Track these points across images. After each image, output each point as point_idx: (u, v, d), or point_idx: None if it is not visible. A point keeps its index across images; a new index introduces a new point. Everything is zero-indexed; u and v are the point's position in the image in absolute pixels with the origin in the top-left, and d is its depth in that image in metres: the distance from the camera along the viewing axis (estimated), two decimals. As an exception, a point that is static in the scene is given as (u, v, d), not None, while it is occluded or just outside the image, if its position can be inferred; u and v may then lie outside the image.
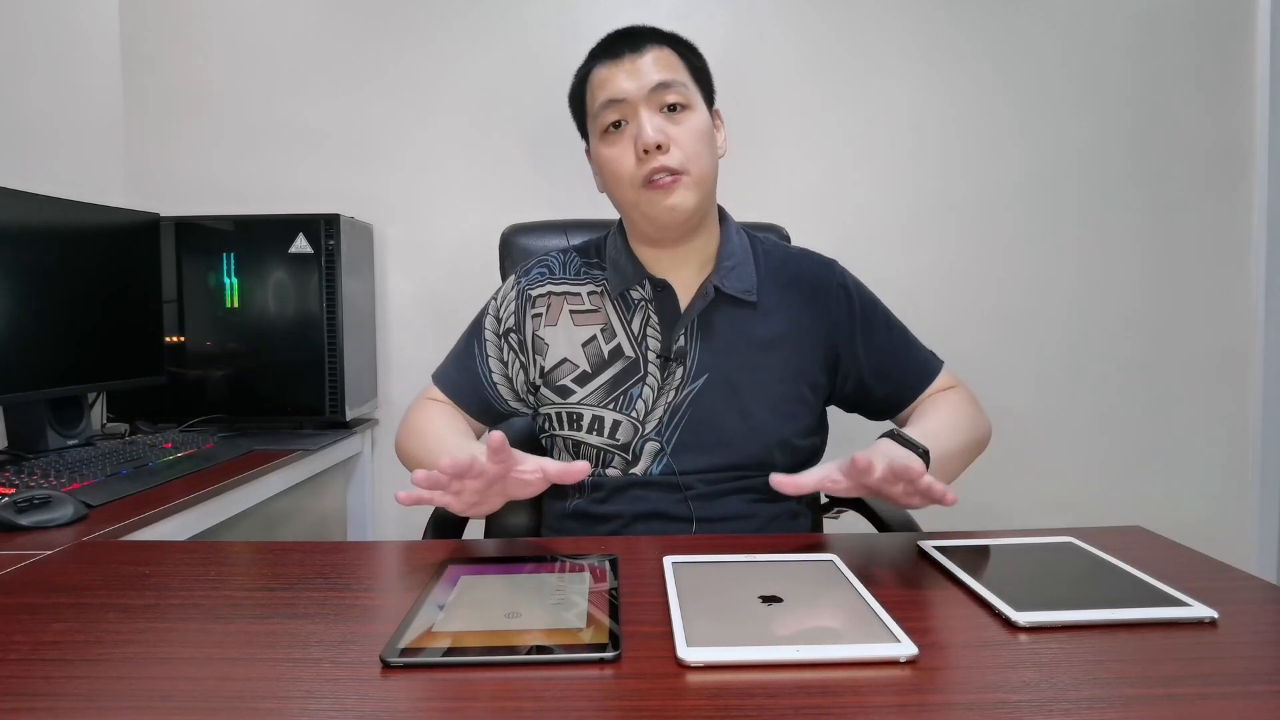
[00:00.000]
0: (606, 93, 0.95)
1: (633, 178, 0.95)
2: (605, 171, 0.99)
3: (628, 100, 0.94)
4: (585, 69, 1.01)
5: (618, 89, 0.94)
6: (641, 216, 0.98)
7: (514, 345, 1.05)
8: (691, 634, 0.56)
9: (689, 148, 0.94)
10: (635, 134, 0.94)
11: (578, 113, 1.04)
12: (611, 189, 1.00)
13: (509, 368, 1.05)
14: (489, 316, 1.08)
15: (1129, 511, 1.86)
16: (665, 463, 0.97)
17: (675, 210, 0.95)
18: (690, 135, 0.95)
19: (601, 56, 0.98)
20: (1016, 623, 0.58)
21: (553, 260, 1.08)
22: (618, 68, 0.95)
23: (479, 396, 1.06)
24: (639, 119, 0.94)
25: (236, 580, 0.70)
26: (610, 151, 0.97)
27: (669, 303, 1.00)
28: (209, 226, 1.67)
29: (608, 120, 0.96)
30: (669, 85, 0.94)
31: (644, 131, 0.93)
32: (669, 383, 0.98)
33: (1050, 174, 1.86)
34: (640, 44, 0.96)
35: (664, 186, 0.94)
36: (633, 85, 0.94)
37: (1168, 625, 0.59)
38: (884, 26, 1.83)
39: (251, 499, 1.32)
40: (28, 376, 1.28)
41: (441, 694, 0.50)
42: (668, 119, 0.95)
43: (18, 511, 0.92)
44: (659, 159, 0.93)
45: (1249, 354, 1.89)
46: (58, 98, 1.65)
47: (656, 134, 0.93)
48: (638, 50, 0.96)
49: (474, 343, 1.07)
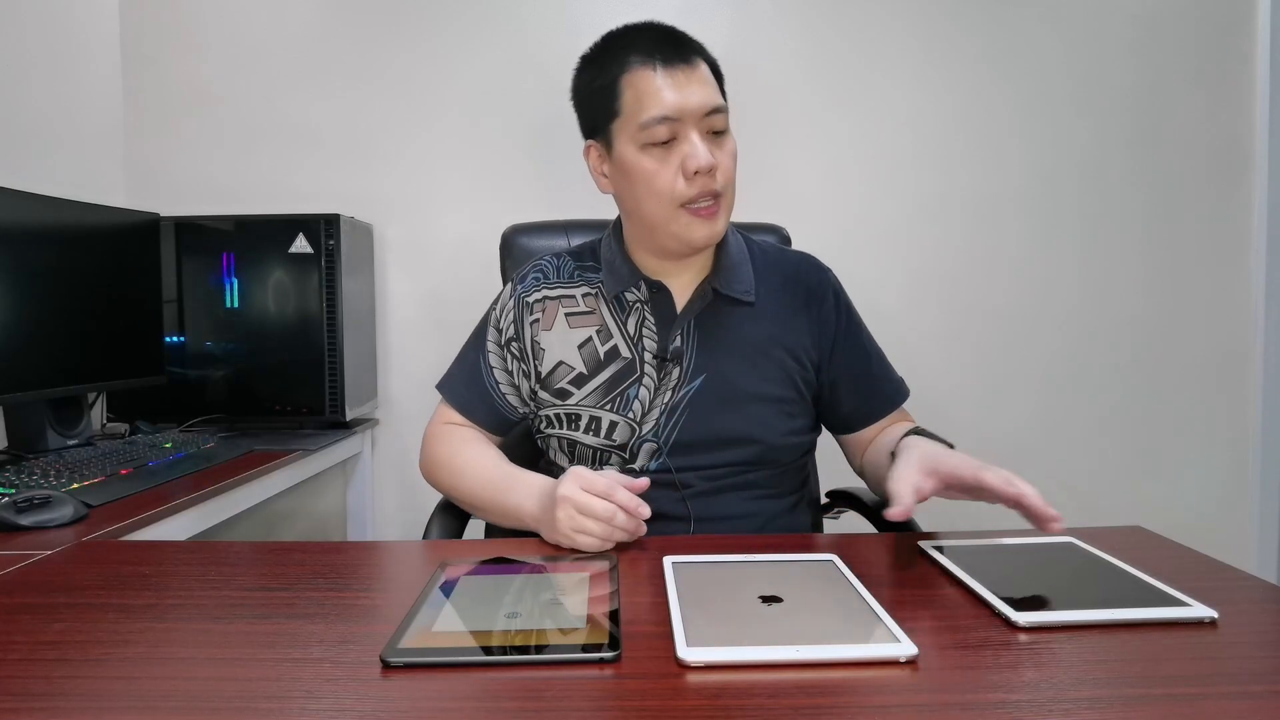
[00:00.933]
0: (661, 107, 0.90)
1: (675, 197, 0.92)
2: (639, 182, 0.93)
3: (683, 119, 0.90)
4: (620, 64, 0.93)
5: (674, 106, 0.90)
6: (671, 236, 0.95)
7: (515, 354, 1.05)
8: (691, 634, 0.56)
9: (728, 173, 0.94)
10: (685, 153, 0.90)
11: (600, 107, 0.95)
12: (642, 200, 0.94)
13: (514, 377, 1.05)
14: (490, 328, 1.08)
15: (1129, 511, 1.86)
16: (662, 461, 0.97)
17: (714, 235, 0.95)
18: (730, 160, 0.94)
19: (647, 55, 0.91)
20: (1017, 623, 0.58)
21: (547, 264, 1.08)
22: (670, 79, 0.90)
23: (492, 411, 1.06)
24: (691, 139, 0.90)
25: (236, 580, 0.70)
26: (653, 165, 0.92)
27: (665, 304, 1.00)
28: (209, 226, 1.67)
29: (658, 136, 0.91)
30: (720, 110, 0.92)
31: (699, 154, 0.89)
32: (665, 383, 0.98)
33: (1050, 174, 1.86)
34: (691, 54, 0.92)
35: (706, 215, 0.93)
36: (691, 104, 0.90)
37: (1168, 625, 0.59)
38: (884, 26, 1.83)
39: (251, 499, 1.32)
40: (28, 376, 1.28)
41: (441, 694, 0.50)
42: (713, 141, 0.93)
43: (18, 511, 0.92)
44: (707, 183, 0.91)
45: (1249, 355, 1.89)
46: (58, 98, 1.65)
47: (709, 157, 0.90)
48: (690, 62, 0.92)
49: (479, 357, 1.07)
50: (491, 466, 0.97)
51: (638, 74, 0.91)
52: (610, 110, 0.94)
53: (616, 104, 0.93)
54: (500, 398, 1.05)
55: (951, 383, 1.86)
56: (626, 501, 0.77)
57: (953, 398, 1.86)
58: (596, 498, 0.77)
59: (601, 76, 0.95)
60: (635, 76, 0.91)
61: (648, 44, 0.92)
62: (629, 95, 0.92)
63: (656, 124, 0.90)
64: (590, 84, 0.96)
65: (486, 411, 1.06)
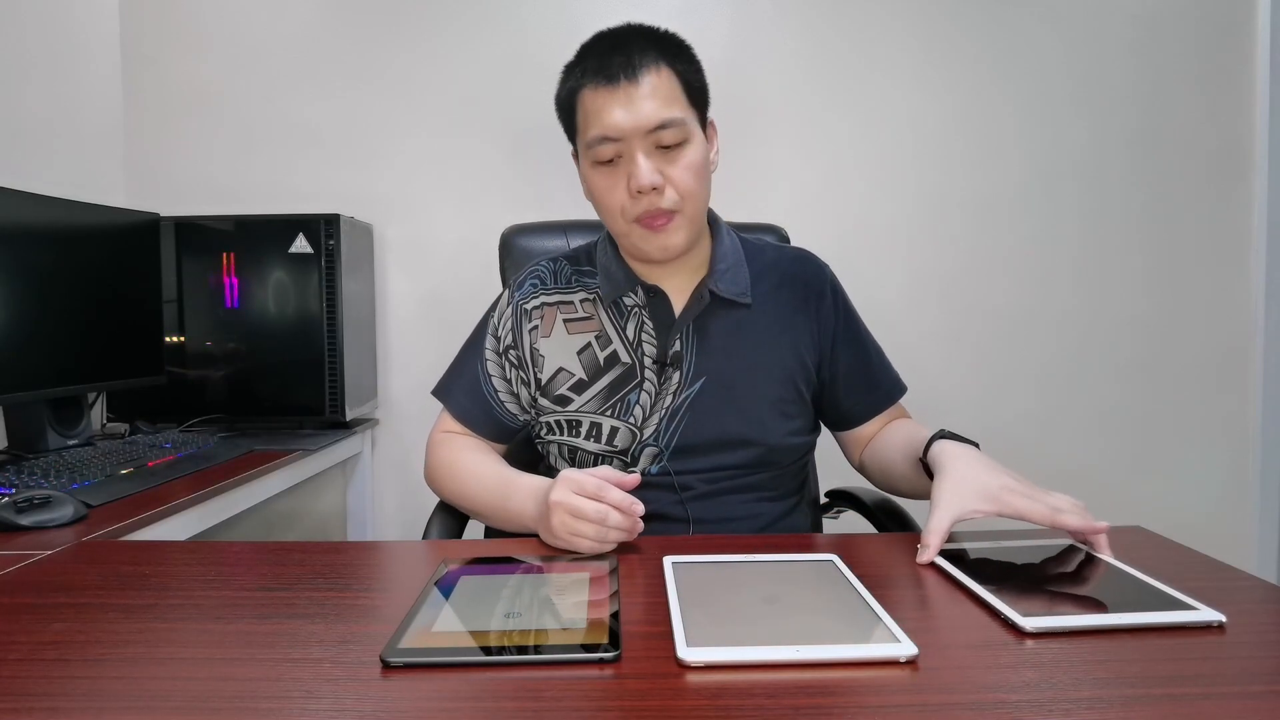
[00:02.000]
0: (600, 127, 0.90)
1: (625, 212, 0.93)
2: (595, 200, 0.96)
3: (624, 139, 0.90)
4: (575, 83, 0.94)
5: (613, 125, 0.89)
6: (633, 246, 0.96)
7: (514, 361, 1.04)
8: (691, 634, 0.56)
9: (683, 186, 0.91)
10: (629, 171, 0.90)
11: (566, 122, 0.99)
12: (601, 216, 0.97)
13: (513, 385, 1.05)
14: (489, 335, 1.07)
15: (1129, 511, 1.85)
16: (663, 465, 0.97)
17: (668, 250, 0.94)
18: (685, 173, 0.91)
19: (595, 74, 0.91)
20: (1023, 628, 0.58)
21: (543, 270, 1.07)
22: (612, 97, 0.89)
23: (492, 419, 1.05)
24: (634, 159, 0.90)
25: (236, 580, 0.70)
26: (603, 182, 0.93)
27: (662, 308, 1.00)
28: (209, 226, 1.67)
29: (602, 156, 0.92)
30: (666, 125, 0.89)
31: (639, 174, 0.89)
32: (666, 388, 0.98)
33: (1050, 174, 1.86)
34: (636, 67, 0.90)
35: (657, 228, 0.92)
36: (629, 123, 0.89)
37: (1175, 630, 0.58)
38: (884, 27, 1.83)
39: (251, 499, 1.32)
40: (28, 376, 1.27)
41: (441, 694, 0.50)
42: (663, 156, 0.91)
43: (18, 511, 0.92)
44: (653, 200, 0.90)
45: (1249, 355, 1.89)
46: (58, 98, 1.65)
47: (651, 176, 0.89)
48: (633, 76, 0.89)
49: (477, 365, 1.06)
50: (491, 473, 0.97)
51: (585, 93, 0.93)
52: (571, 125, 0.98)
53: (574, 120, 0.96)
54: (499, 405, 1.05)
55: (951, 382, 1.86)
56: (619, 500, 0.77)
57: (953, 397, 1.86)
58: (588, 500, 0.77)
59: (564, 91, 0.97)
60: (584, 95, 0.93)
61: (598, 60, 0.92)
62: (580, 113, 0.94)
63: (599, 144, 0.91)
64: (559, 98, 0.99)
65: (487, 421, 1.05)
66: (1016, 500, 0.75)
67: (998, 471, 0.79)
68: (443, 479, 1.03)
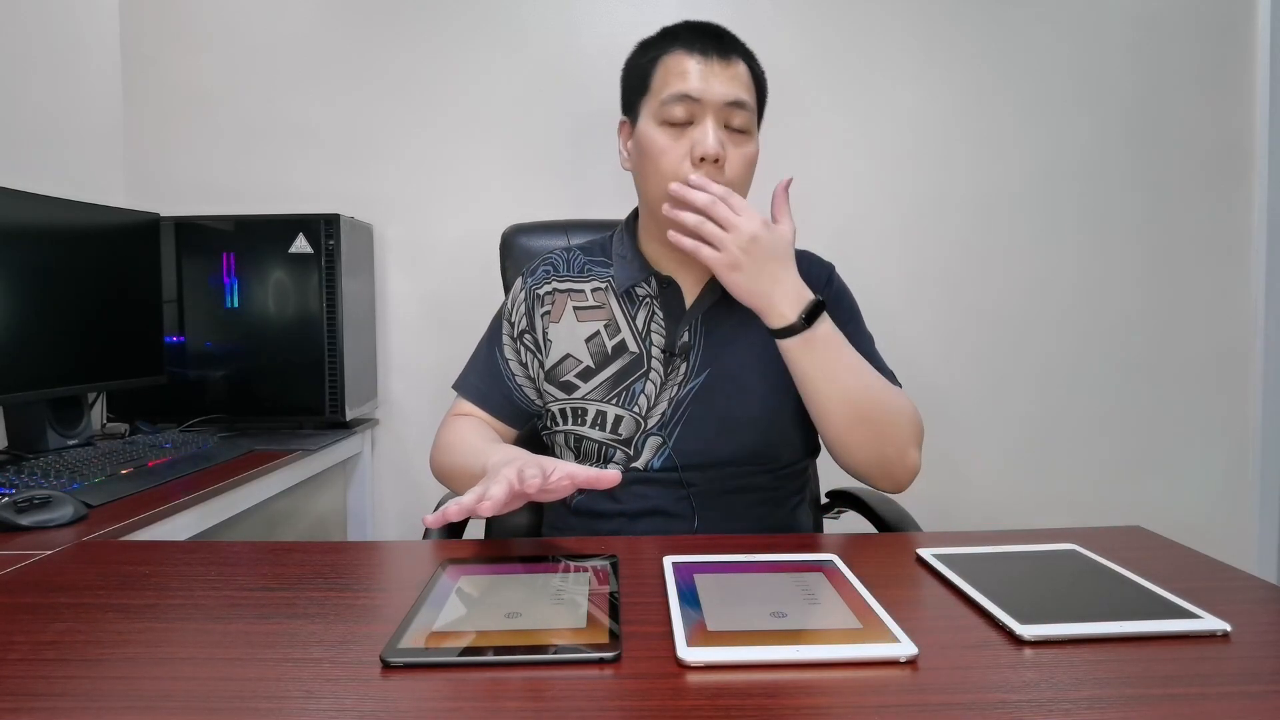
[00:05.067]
0: (684, 85, 0.92)
1: (677, 176, 0.92)
2: (648, 155, 0.95)
3: (702, 102, 0.92)
4: (662, 48, 0.96)
5: (697, 87, 0.92)
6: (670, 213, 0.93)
7: (529, 345, 1.05)
8: (691, 634, 0.56)
9: (737, 172, 0.94)
10: (696, 138, 0.92)
11: (636, 85, 0.99)
12: (649, 174, 0.96)
13: (529, 368, 1.06)
14: (504, 321, 1.08)
15: (1129, 512, 1.86)
16: (667, 456, 0.97)
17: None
18: (743, 161, 0.94)
19: (688, 44, 0.94)
20: (1022, 636, 0.57)
21: (557, 258, 1.09)
22: (702, 65, 0.92)
23: (507, 400, 1.06)
24: (705, 124, 0.92)
25: (236, 580, 0.70)
26: (664, 141, 0.94)
27: (674, 299, 1.01)
28: (209, 226, 1.67)
29: (675, 115, 0.93)
30: (743, 106, 0.93)
31: (708, 139, 0.91)
32: (672, 378, 0.98)
33: (1050, 174, 1.86)
34: (730, 53, 0.94)
35: None
36: (713, 90, 0.91)
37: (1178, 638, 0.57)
38: (884, 26, 1.83)
39: (251, 499, 1.32)
40: (28, 376, 1.27)
41: (441, 694, 0.50)
42: (729, 137, 0.93)
43: (18, 511, 0.92)
44: (711, 173, 0.91)
45: (1249, 354, 1.89)
46: (58, 98, 1.65)
47: (718, 147, 0.91)
48: (727, 58, 0.93)
49: (494, 349, 1.07)
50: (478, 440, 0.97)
51: (674, 56, 0.95)
52: (643, 86, 0.98)
53: (649, 80, 0.97)
54: (516, 388, 1.06)
55: (951, 382, 1.86)
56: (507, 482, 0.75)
57: (952, 397, 1.86)
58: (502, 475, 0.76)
59: (644, 56, 0.99)
60: (671, 58, 0.95)
61: (694, 35, 0.96)
62: (659, 73, 0.96)
63: (675, 101, 0.93)
64: (634, 62, 1.01)
65: (500, 400, 1.06)
66: None
67: None
68: (438, 454, 1.03)
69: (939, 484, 1.30)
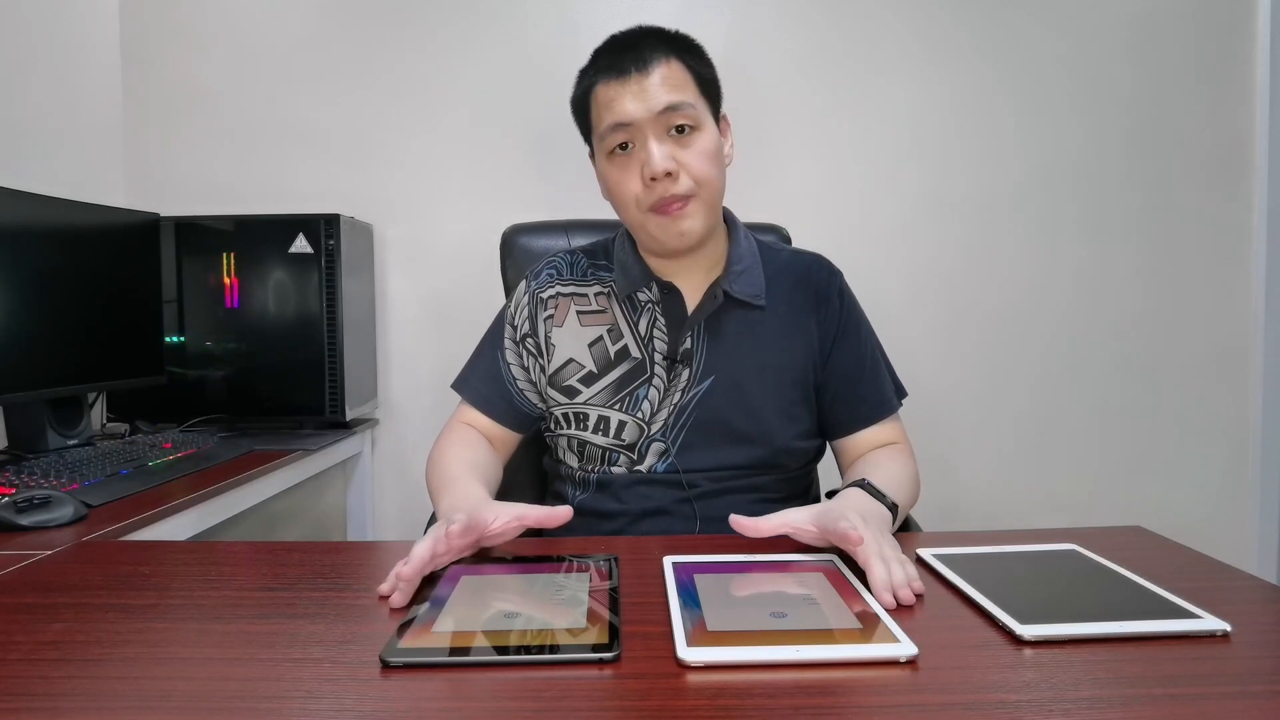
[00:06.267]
0: (613, 115, 0.92)
1: (639, 202, 0.94)
2: (611, 192, 0.98)
3: (634, 124, 0.91)
4: (589, 82, 0.97)
5: (624, 112, 0.91)
6: (649, 237, 0.97)
7: (531, 350, 1.05)
8: (691, 634, 0.56)
9: (698, 171, 0.93)
10: (643, 160, 0.92)
11: (582, 123, 1.01)
12: (618, 209, 0.98)
13: (530, 373, 1.05)
14: (506, 325, 1.08)
15: (1129, 511, 1.86)
16: (670, 462, 0.97)
17: (685, 236, 0.95)
18: (699, 158, 0.93)
19: (608, 69, 0.94)
20: (1021, 636, 0.57)
21: (560, 261, 1.09)
22: (624, 88, 0.92)
23: (510, 406, 1.05)
24: (646, 145, 0.91)
25: (236, 580, 0.70)
26: (617, 174, 0.95)
27: (676, 305, 1.01)
28: (209, 226, 1.67)
29: (614, 143, 0.94)
30: (677, 108, 0.91)
31: (651, 160, 0.90)
32: (675, 384, 0.98)
33: (1050, 174, 1.86)
34: (646, 60, 0.92)
35: (673, 213, 0.93)
36: (640, 109, 0.91)
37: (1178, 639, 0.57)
38: (884, 26, 1.83)
39: (251, 499, 1.32)
40: (28, 376, 1.27)
41: (441, 694, 0.50)
42: (676, 142, 0.92)
43: (18, 511, 0.92)
44: (667, 187, 0.91)
45: (1249, 354, 1.89)
46: (58, 98, 1.65)
47: (664, 162, 0.90)
48: (644, 68, 0.92)
49: (496, 353, 1.07)
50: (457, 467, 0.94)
51: (600, 86, 0.95)
52: (586, 123, 1.00)
53: (588, 117, 0.98)
54: (518, 393, 1.05)
55: (951, 382, 1.86)
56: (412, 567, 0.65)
57: (952, 397, 1.86)
58: (424, 544, 0.68)
59: (579, 89, 1.00)
60: (598, 89, 0.96)
61: (609, 56, 0.96)
62: (594, 108, 0.97)
63: (611, 132, 0.94)
64: (575, 96, 1.01)
65: (503, 406, 1.05)
66: (848, 530, 0.69)
67: (868, 518, 0.75)
68: (428, 470, 1.01)
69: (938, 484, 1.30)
